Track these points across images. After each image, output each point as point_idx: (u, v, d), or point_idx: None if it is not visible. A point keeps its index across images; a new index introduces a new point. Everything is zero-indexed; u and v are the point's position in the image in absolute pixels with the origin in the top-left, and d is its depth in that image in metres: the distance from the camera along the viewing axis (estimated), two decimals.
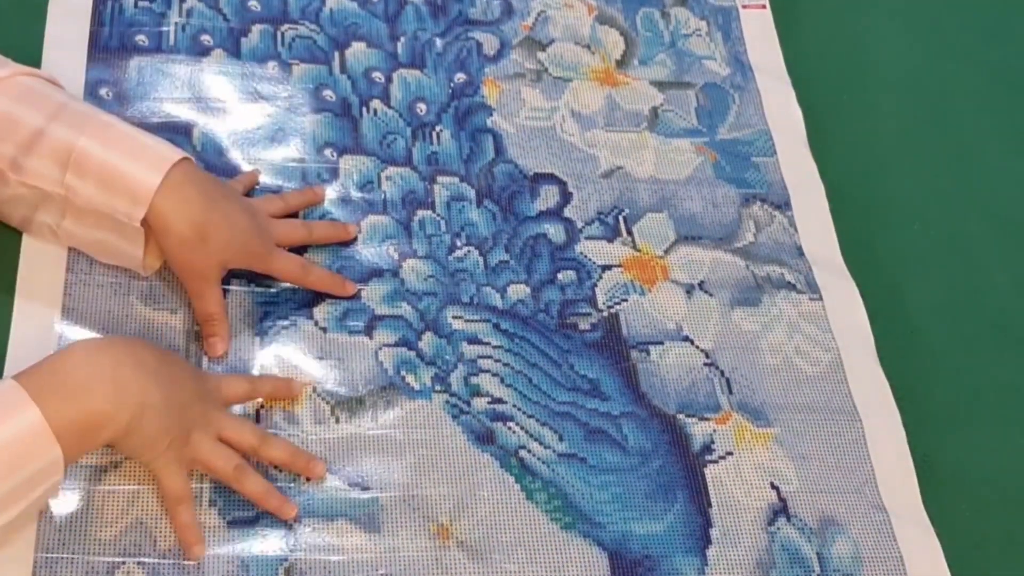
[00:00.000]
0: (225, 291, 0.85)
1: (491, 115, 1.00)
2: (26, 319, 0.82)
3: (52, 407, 0.67)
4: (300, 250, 0.89)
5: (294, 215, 0.90)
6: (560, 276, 0.92)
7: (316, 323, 0.86)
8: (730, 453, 0.86)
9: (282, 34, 1.00)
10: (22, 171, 0.79)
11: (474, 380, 0.86)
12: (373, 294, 0.89)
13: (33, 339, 0.81)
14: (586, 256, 0.94)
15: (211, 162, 0.92)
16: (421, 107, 0.99)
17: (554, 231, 0.95)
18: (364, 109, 0.97)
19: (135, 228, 0.79)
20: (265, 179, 0.92)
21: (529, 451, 0.84)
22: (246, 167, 0.92)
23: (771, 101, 1.06)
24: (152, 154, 0.79)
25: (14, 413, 0.67)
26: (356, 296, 0.88)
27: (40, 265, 0.84)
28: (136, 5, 0.99)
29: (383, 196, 0.93)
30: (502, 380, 0.86)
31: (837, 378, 0.91)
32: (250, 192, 0.91)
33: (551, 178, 0.97)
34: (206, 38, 0.98)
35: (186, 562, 0.75)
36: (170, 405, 0.73)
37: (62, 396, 0.68)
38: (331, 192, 0.93)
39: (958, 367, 0.95)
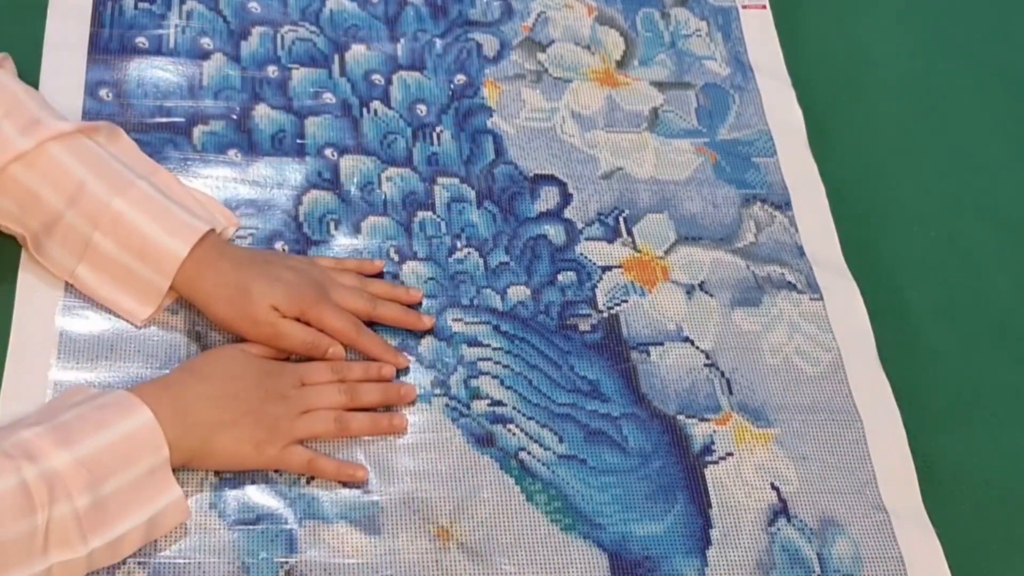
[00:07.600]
0: None
1: (491, 116, 1.00)
2: (26, 319, 0.82)
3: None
4: None
5: None
6: (560, 277, 0.92)
7: None
8: (730, 454, 0.86)
9: (282, 37, 1.00)
10: (42, 252, 0.82)
11: (474, 383, 0.86)
12: None
13: (33, 339, 0.81)
14: (586, 257, 0.94)
15: (212, 162, 0.92)
16: (421, 108, 0.98)
17: (554, 232, 0.95)
18: (364, 110, 0.97)
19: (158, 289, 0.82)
20: (266, 171, 0.92)
21: (529, 453, 0.84)
22: (245, 168, 0.92)
23: (771, 101, 1.06)
24: (163, 246, 0.80)
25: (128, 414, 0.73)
26: None
27: (40, 265, 0.84)
28: (136, 6, 0.99)
29: (383, 197, 0.93)
30: (502, 382, 0.86)
31: (838, 378, 0.91)
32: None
33: (551, 179, 0.97)
34: (206, 41, 0.98)
35: (187, 562, 0.75)
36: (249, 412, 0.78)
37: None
38: (331, 194, 0.93)
39: (958, 367, 0.95)
